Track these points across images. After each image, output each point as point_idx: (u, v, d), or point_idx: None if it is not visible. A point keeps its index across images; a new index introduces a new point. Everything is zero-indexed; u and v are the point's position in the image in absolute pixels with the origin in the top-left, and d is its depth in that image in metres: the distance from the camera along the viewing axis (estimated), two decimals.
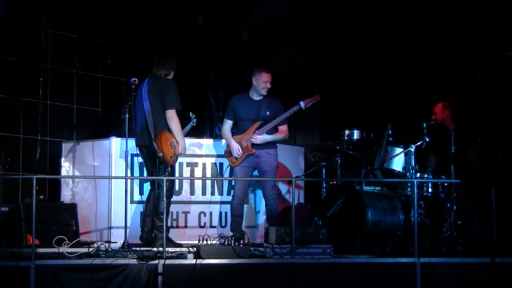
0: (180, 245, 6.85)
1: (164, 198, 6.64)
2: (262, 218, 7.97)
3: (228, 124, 7.49)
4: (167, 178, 6.84)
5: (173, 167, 7.05)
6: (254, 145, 7.30)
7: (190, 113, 7.30)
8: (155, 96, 6.88)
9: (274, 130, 7.36)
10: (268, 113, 7.31)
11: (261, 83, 7.32)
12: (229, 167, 7.52)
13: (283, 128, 7.39)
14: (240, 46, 10.59)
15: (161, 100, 6.90)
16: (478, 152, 7.45)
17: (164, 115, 6.90)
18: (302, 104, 7.22)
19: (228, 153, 7.42)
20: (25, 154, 8.50)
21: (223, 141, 8.05)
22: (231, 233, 6.88)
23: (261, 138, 7.27)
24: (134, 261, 5.89)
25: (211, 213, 7.82)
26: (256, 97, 7.41)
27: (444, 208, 7.17)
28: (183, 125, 7.15)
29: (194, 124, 7.32)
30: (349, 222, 7.05)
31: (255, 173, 7.47)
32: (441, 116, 7.52)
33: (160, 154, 6.77)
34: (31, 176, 7.23)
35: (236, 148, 7.30)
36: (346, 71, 9.63)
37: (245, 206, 7.65)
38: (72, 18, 9.02)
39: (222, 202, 7.86)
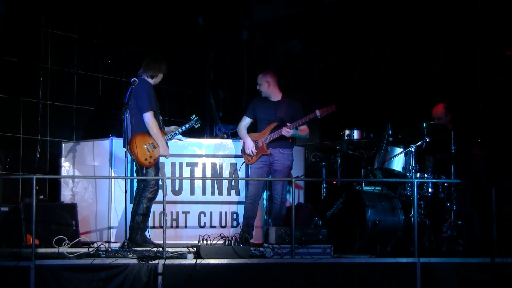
0: (158, 245, 6.83)
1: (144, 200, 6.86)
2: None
3: (246, 121, 7.58)
4: (167, 177, 6.86)
5: (155, 169, 7.03)
6: (269, 146, 7.32)
7: (194, 115, 7.28)
8: (132, 98, 6.88)
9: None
10: (285, 114, 7.33)
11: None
12: (243, 164, 7.60)
13: (303, 127, 7.42)
14: (240, 46, 10.59)
15: (136, 103, 6.90)
16: (484, 150, 7.41)
17: (141, 118, 6.90)
18: (318, 113, 7.23)
19: (244, 151, 7.48)
20: (25, 154, 8.50)
21: (224, 141, 8.07)
22: (236, 233, 6.90)
23: (291, 132, 7.27)
24: (134, 261, 5.89)
25: (211, 213, 7.82)
26: (274, 98, 7.46)
27: (444, 208, 7.17)
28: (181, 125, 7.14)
29: (196, 126, 7.29)
30: (349, 222, 7.05)
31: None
32: (445, 120, 7.48)
33: (132, 157, 6.80)
34: (31, 176, 7.23)
35: (251, 147, 7.38)
36: (346, 71, 9.63)
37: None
38: (72, 18, 9.02)
39: (221, 202, 7.86)
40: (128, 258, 6.00)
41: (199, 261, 5.95)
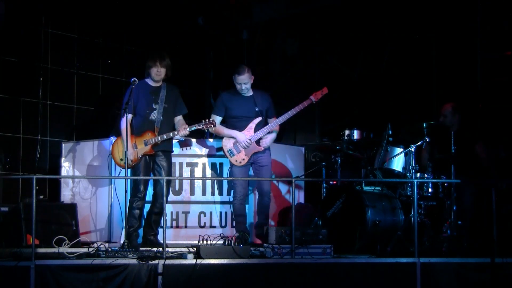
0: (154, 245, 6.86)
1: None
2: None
3: (218, 120, 7.31)
4: (167, 178, 6.86)
5: (135, 171, 6.99)
6: (257, 142, 7.23)
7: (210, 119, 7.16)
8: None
9: (265, 123, 7.31)
10: (263, 108, 7.26)
11: (237, 85, 7.25)
12: (230, 167, 7.41)
13: (274, 119, 7.32)
14: (240, 46, 10.59)
15: None
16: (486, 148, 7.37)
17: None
18: (313, 98, 7.20)
19: (230, 152, 7.27)
20: (25, 154, 8.50)
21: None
22: (236, 234, 6.87)
23: (269, 141, 7.24)
24: (134, 261, 5.88)
25: (211, 213, 7.82)
26: (247, 93, 7.31)
27: (444, 208, 7.17)
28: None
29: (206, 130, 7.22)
30: (349, 222, 7.05)
31: (250, 171, 7.44)
32: (451, 119, 7.40)
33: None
34: (31, 176, 7.23)
35: (245, 138, 7.19)
36: (346, 71, 9.62)
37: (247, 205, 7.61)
38: (72, 18, 9.03)
39: (222, 202, 7.86)
40: (128, 258, 5.99)
41: (199, 261, 5.94)
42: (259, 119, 7.24)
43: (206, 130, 6.99)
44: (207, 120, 7.05)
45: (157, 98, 7.10)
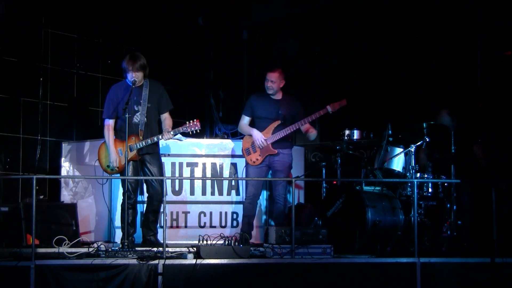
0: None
1: None
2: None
3: (246, 120, 7.38)
4: (167, 177, 6.85)
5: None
6: (274, 145, 7.23)
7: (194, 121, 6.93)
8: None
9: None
10: (287, 113, 7.26)
11: (265, 82, 7.27)
12: (245, 166, 7.44)
13: (309, 126, 7.30)
14: (240, 46, 10.59)
15: None
16: (484, 150, 7.37)
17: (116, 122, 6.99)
18: (329, 108, 7.18)
19: (247, 151, 7.30)
20: (25, 154, 8.50)
21: (224, 141, 8.06)
22: (236, 233, 6.88)
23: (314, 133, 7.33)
24: (134, 261, 5.88)
25: (211, 213, 7.82)
26: (276, 97, 7.34)
27: (444, 208, 7.17)
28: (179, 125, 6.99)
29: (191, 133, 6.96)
30: (349, 222, 7.05)
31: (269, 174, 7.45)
32: (451, 124, 7.36)
33: (96, 163, 6.96)
34: (31, 176, 7.24)
35: (260, 137, 7.19)
36: (346, 71, 9.62)
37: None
38: (72, 18, 9.03)
39: (220, 202, 7.86)
40: (128, 258, 5.99)
41: (199, 261, 5.94)
42: (278, 122, 7.24)
43: (191, 133, 6.82)
44: (191, 122, 6.81)
45: (139, 99, 6.90)
